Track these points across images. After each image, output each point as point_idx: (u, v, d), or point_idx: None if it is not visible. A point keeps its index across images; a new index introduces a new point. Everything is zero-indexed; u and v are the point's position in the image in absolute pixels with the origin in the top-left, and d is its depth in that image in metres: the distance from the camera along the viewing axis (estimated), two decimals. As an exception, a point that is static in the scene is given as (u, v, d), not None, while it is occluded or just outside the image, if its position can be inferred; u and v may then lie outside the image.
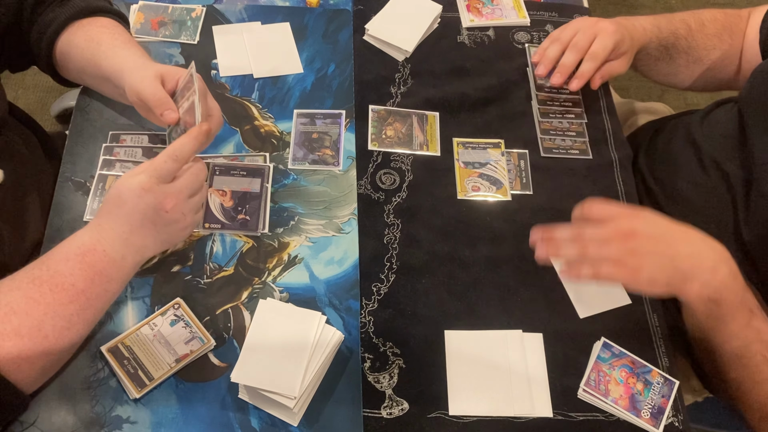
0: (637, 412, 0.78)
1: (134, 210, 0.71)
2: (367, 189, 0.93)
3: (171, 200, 0.73)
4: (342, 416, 0.75)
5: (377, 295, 0.85)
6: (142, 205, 0.71)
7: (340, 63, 1.03)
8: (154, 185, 0.72)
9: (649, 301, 0.87)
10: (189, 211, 0.76)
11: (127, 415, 0.73)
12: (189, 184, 0.75)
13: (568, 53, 0.96)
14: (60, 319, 0.67)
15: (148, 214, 0.72)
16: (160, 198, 0.72)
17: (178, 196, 0.73)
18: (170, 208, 0.73)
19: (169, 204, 0.72)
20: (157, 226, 0.73)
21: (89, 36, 0.86)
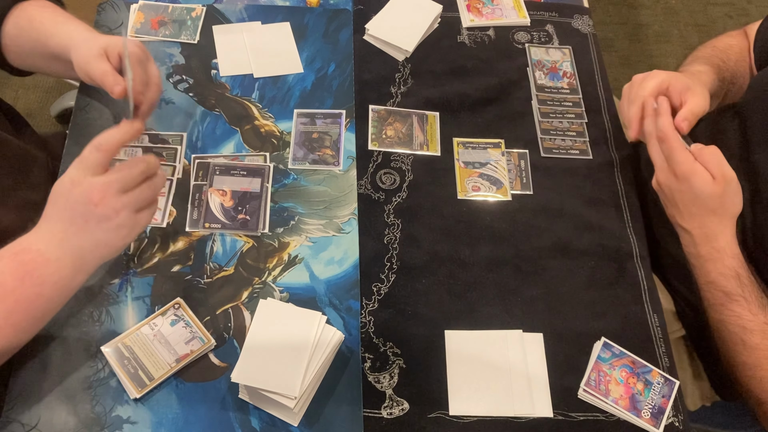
0: (637, 412, 0.78)
1: (65, 206, 0.68)
2: (367, 189, 0.93)
3: (98, 193, 0.67)
4: (342, 416, 0.75)
5: (377, 295, 0.85)
6: (71, 199, 0.68)
7: (341, 63, 1.03)
8: (82, 178, 0.68)
9: (649, 301, 0.87)
10: (122, 207, 0.69)
11: (127, 415, 0.73)
12: (120, 178, 0.69)
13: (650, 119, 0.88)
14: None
15: (78, 210, 0.68)
16: (87, 191, 0.67)
17: (106, 188, 0.68)
18: (98, 202, 0.67)
19: (97, 197, 0.67)
20: (89, 224, 0.68)
21: (31, 17, 0.85)
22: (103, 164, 0.69)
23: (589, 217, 0.93)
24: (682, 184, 0.79)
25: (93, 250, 0.69)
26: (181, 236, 0.86)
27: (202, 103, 0.97)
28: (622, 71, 2.16)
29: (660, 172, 0.82)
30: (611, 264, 0.89)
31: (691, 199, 0.80)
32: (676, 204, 0.82)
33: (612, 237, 0.92)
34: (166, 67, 1.00)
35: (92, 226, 0.68)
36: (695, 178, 0.78)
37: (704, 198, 0.79)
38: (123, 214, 0.69)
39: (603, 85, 1.06)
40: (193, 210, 0.87)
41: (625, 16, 2.30)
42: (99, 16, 1.04)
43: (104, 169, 0.69)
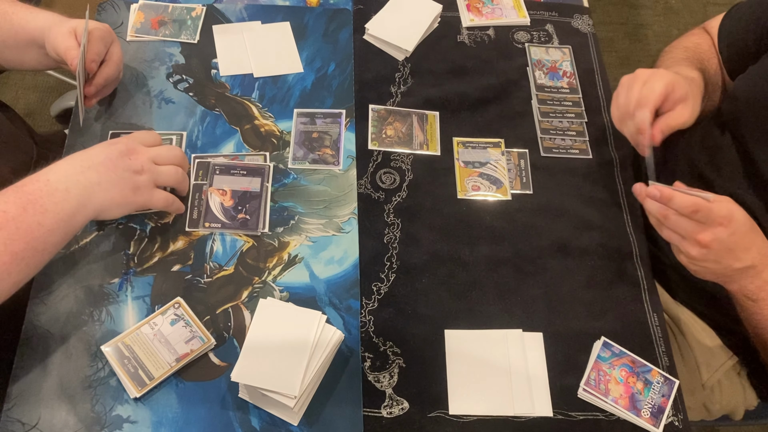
0: (637, 411, 0.78)
1: (100, 152, 0.76)
2: (367, 188, 0.93)
3: (138, 153, 0.78)
4: (342, 415, 0.75)
5: (377, 295, 0.85)
6: (110, 148, 0.77)
7: (340, 62, 1.03)
8: (131, 139, 0.80)
9: (649, 301, 0.87)
10: (150, 170, 0.78)
11: (127, 415, 0.73)
12: (161, 151, 0.81)
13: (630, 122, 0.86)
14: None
15: (112, 155, 0.75)
16: (127, 146, 0.77)
17: (144, 151, 0.79)
18: (133, 156, 0.77)
19: (135, 155, 0.77)
20: (117, 168, 0.75)
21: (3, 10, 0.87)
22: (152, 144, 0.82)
23: (589, 217, 0.93)
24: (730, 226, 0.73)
25: (106, 189, 0.74)
26: (181, 236, 0.86)
27: (202, 103, 0.97)
28: (622, 71, 2.14)
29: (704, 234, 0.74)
30: (611, 264, 0.90)
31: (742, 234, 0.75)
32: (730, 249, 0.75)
33: (612, 237, 0.92)
34: (166, 67, 1.00)
35: (118, 170, 0.75)
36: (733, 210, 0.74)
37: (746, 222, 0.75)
38: (146, 176, 0.78)
39: (603, 85, 1.06)
40: (192, 209, 0.87)
41: (625, 16, 2.30)
42: (99, 16, 1.04)
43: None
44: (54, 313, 0.78)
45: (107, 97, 0.94)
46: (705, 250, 0.75)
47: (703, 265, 0.77)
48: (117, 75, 0.91)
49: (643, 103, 0.82)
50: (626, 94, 0.85)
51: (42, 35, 0.85)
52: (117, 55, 0.89)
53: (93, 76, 0.87)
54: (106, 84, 0.89)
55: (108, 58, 0.88)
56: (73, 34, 0.84)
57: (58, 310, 0.78)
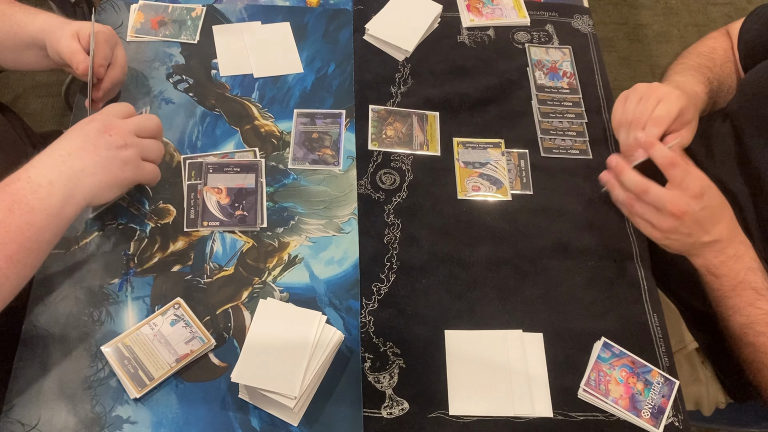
0: (637, 412, 0.78)
1: (77, 135, 0.72)
2: (367, 189, 0.93)
3: (115, 126, 0.74)
4: (342, 416, 0.75)
5: (377, 295, 0.85)
6: (87, 128, 0.73)
7: (341, 63, 1.03)
8: (106, 115, 0.75)
9: (649, 301, 0.87)
10: (133, 144, 0.75)
11: (127, 415, 0.73)
12: (138, 122, 0.77)
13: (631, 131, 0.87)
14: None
15: (91, 135, 0.72)
16: (106, 123, 0.74)
17: (122, 124, 0.75)
18: (113, 132, 0.73)
19: (113, 128, 0.73)
20: (99, 149, 0.72)
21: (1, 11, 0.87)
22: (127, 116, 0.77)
23: (589, 217, 0.93)
24: (702, 199, 0.77)
25: (93, 173, 0.71)
26: (180, 236, 0.86)
27: (202, 103, 0.97)
28: (622, 71, 2.16)
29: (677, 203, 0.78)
30: (611, 264, 0.89)
31: (713, 208, 0.78)
32: (700, 223, 0.78)
33: (612, 237, 0.92)
34: (166, 67, 1.00)
35: (101, 150, 0.72)
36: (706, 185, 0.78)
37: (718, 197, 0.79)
38: (132, 150, 0.75)
39: (603, 85, 1.06)
40: (189, 210, 0.87)
41: (625, 16, 2.30)
42: (99, 16, 1.04)
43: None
44: (54, 313, 0.78)
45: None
46: (678, 222, 0.79)
47: (675, 238, 0.81)
48: (123, 77, 0.92)
49: (656, 123, 0.84)
50: (641, 105, 0.86)
51: (42, 37, 0.85)
52: (122, 58, 0.90)
53: (100, 79, 0.87)
54: (112, 87, 0.90)
55: (113, 61, 0.88)
56: (76, 37, 0.83)
57: (58, 310, 0.78)
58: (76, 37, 0.84)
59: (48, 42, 0.85)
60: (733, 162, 0.91)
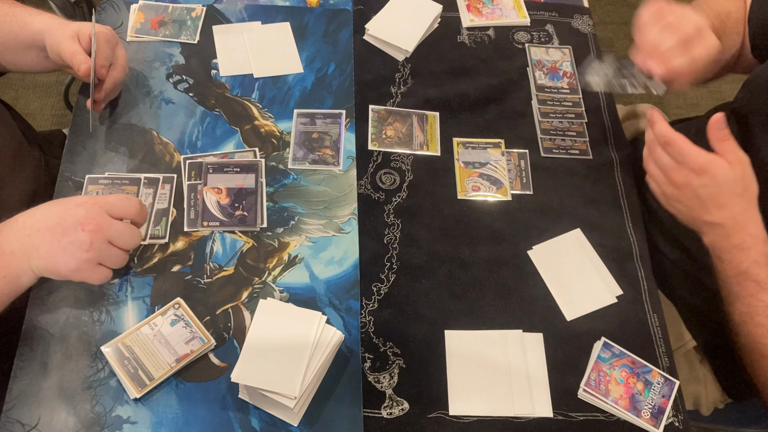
0: (637, 412, 0.78)
1: (59, 214, 0.71)
2: (367, 189, 0.93)
3: (95, 224, 0.70)
4: (342, 416, 0.75)
5: (377, 295, 0.85)
6: (69, 212, 0.71)
7: (340, 63, 1.03)
8: (96, 206, 0.72)
9: (649, 301, 0.87)
10: (98, 249, 0.71)
11: (127, 415, 0.73)
12: (120, 230, 0.73)
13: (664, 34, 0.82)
14: None
15: (66, 223, 0.70)
16: (90, 216, 0.70)
17: (104, 227, 0.71)
18: (88, 230, 0.70)
19: (90, 225, 0.70)
20: (63, 238, 0.69)
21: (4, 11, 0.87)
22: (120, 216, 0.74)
23: (589, 217, 0.93)
24: (703, 177, 0.76)
25: (42, 257, 0.70)
26: (181, 236, 0.86)
27: (202, 103, 0.97)
28: (622, 71, 2.16)
29: (674, 173, 0.79)
30: (611, 264, 0.89)
31: (717, 189, 0.77)
32: (701, 200, 0.78)
33: (612, 237, 0.92)
34: (166, 67, 1.00)
35: (64, 240, 0.70)
36: (715, 166, 0.76)
37: (729, 184, 0.77)
38: (91, 255, 0.71)
39: (603, 85, 1.06)
40: (189, 210, 0.87)
41: (625, 16, 2.30)
42: (99, 16, 1.04)
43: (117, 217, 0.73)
44: (54, 314, 0.78)
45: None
46: (678, 191, 0.79)
47: (676, 206, 0.81)
48: (124, 77, 0.91)
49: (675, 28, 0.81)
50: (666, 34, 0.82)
51: (42, 38, 0.85)
52: (123, 58, 0.90)
53: (101, 80, 0.87)
54: (114, 88, 0.89)
55: (114, 61, 0.88)
56: (76, 38, 0.83)
57: (58, 310, 0.78)
58: (76, 37, 0.83)
59: (48, 43, 0.84)
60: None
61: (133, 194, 0.87)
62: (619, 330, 0.84)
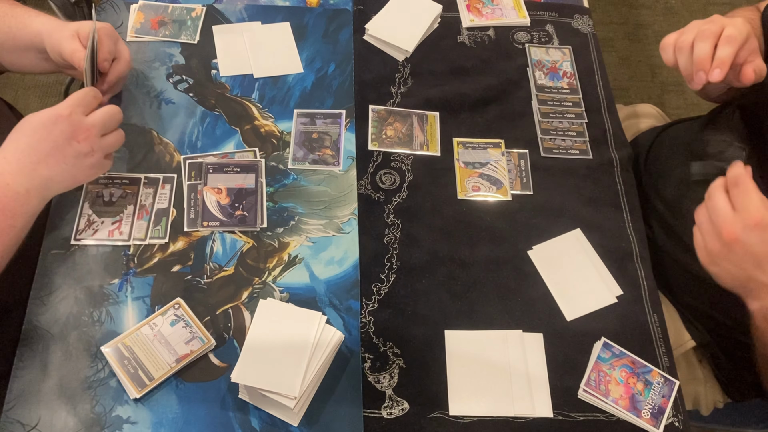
0: (637, 412, 0.78)
1: (45, 138, 0.73)
2: (367, 189, 0.93)
3: (84, 131, 0.74)
4: (342, 416, 0.75)
5: (377, 295, 0.85)
6: (55, 132, 0.73)
7: (341, 63, 1.03)
8: (73, 113, 0.74)
9: (649, 301, 0.87)
10: (99, 149, 0.77)
11: (127, 415, 0.73)
12: (104, 120, 0.77)
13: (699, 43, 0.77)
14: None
15: (59, 142, 0.73)
16: (74, 126, 0.74)
17: (91, 129, 0.75)
18: (81, 139, 0.74)
19: (82, 134, 0.74)
20: (66, 157, 0.74)
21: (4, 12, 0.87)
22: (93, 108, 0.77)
23: (589, 217, 0.93)
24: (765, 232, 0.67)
25: (61, 181, 0.75)
26: (181, 236, 0.86)
27: (202, 103, 0.97)
28: (622, 71, 2.16)
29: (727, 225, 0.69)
30: (611, 264, 0.89)
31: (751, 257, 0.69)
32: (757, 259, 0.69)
33: (612, 237, 0.92)
34: (166, 67, 1.00)
35: (69, 159, 0.74)
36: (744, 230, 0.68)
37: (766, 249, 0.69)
38: (97, 155, 0.77)
39: (603, 85, 1.06)
40: (190, 210, 0.87)
41: (625, 16, 2.30)
42: (99, 16, 1.04)
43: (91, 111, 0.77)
44: (54, 314, 0.78)
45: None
46: (727, 248, 0.70)
47: (723, 266, 0.72)
48: (127, 71, 0.91)
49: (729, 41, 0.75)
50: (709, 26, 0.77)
51: (41, 39, 0.85)
52: (126, 52, 0.90)
53: (105, 74, 0.87)
54: (117, 81, 0.90)
55: (118, 54, 0.88)
56: (76, 37, 0.83)
57: (58, 310, 0.78)
58: (76, 36, 0.83)
59: (48, 44, 0.84)
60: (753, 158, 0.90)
61: (133, 194, 0.87)
62: (619, 330, 0.84)
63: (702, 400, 1.01)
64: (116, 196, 0.87)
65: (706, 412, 1.02)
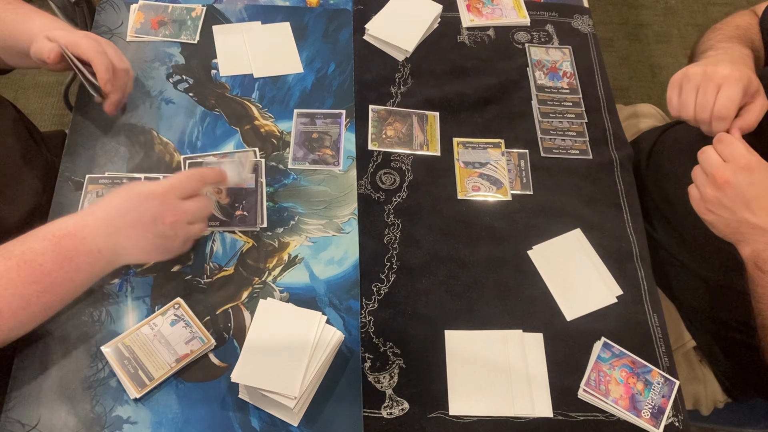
0: (637, 412, 0.78)
1: (134, 209, 0.73)
2: (367, 189, 0.93)
3: (172, 215, 0.73)
4: (342, 416, 0.75)
5: (377, 295, 0.85)
6: (145, 206, 0.72)
7: (340, 63, 1.03)
8: (168, 194, 0.73)
9: (649, 301, 0.87)
10: (182, 235, 0.75)
11: (127, 415, 0.73)
12: (196, 210, 0.76)
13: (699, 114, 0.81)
14: (18, 298, 0.67)
15: (145, 218, 0.72)
16: (165, 207, 0.73)
17: (180, 215, 0.74)
18: (168, 222, 0.73)
19: (170, 218, 0.73)
20: (147, 234, 0.73)
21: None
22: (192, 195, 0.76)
23: (589, 217, 0.93)
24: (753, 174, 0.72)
25: (133, 253, 0.74)
26: (181, 236, 0.86)
27: (202, 103, 0.97)
28: (622, 71, 2.16)
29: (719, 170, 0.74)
30: (611, 264, 0.89)
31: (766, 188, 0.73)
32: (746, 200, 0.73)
33: (612, 237, 0.92)
34: (166, 67, 1.00)
35: (148, 236, 0.73)
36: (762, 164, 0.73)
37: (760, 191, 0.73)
38: (178, 241, 0.75)
39: (603, 85, 1.06)
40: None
41: (625, 16, 2.30)
42: (99, 16, 1.04)
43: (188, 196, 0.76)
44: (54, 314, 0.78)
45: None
46: (720, 193, 0.74)
47: (718, 213, 0.76)
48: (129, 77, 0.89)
49: (724, 115, 0.78)
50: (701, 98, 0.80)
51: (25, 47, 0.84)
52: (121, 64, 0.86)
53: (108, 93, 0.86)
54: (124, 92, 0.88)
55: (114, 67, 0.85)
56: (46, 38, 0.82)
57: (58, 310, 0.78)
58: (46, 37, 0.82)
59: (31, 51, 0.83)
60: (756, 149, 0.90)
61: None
62: (619, 330, 0.84)
63: (702, 400, 1.01)
64: (116, 196, 0.87)
65: (706, 412, 1.02)
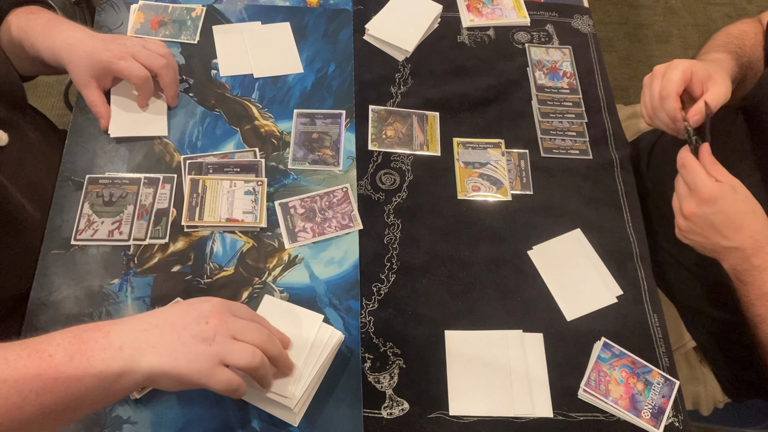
0: (637, 412, 0.78)
1: (182, 310, 0.65)
2: (367, 189, 0.93)
3: (219, 318, 0.64)
4: (342, 416, 0.75)
5: (377, 295, 0.85)
6: (193, 306, 0.65)
7: (341, 63, 1.03)
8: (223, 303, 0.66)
9: (649, 301, 0.87)
10: (221, 342, 0.63)
11: (127, 416, 0.73)
12: (245, 325, 0.66)
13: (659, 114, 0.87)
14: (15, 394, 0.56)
15: (189, 317, 0.64)
16: (213, 310, 0.65)
17: (227, 322, 0.64)
18: (212, 323, 0.63)
19: (215, 319, 0.64)
20: (184, 332, 0.62)
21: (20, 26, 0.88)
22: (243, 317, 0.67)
23: (589, 217, 0.93)
24: (716, 205, 0.76)
25: (159, 354, 0.61)
26: (181, 236, 0.86)
27: (202, 103, 0.97)
28: (622, 71, 2.16)
29: (684, 203, 0.79)
30: (611, 264, 0.89)
31: (731, 214, 0.77)
32: (715, 228, 0.78)
33: (612, 237, 0.92)
34: (166, 67, 1.00)
35: (186, 334, 0.62)
36: (723, 192, 0.76)
37: (740, 206, 0.77)
38: (214, 349, 0.63)
39: (603, 85, 1.06)
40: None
41: (625, 16, 2.30)
42: (99, 16, 1.04)
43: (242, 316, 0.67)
44: (54, 314, 0.78)
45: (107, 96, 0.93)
46: (690, 222, 0.79)
47: (691, 238, 0.81)
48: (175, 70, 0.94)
49: (665, 95, 0.84)
50: (649, 91, 0.87)
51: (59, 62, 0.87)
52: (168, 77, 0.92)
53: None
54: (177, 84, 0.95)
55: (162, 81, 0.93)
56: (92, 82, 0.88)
57: (58, 310, 0.78)
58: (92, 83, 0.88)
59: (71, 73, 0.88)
60: (748, 157, 0.90)
61: (133, 194, 0.87)
62: (619, 330, 0.84)
63: (702, 400, 1.01)
64: (116, 195, 0.87)
65: (707, 412, 1.02)
